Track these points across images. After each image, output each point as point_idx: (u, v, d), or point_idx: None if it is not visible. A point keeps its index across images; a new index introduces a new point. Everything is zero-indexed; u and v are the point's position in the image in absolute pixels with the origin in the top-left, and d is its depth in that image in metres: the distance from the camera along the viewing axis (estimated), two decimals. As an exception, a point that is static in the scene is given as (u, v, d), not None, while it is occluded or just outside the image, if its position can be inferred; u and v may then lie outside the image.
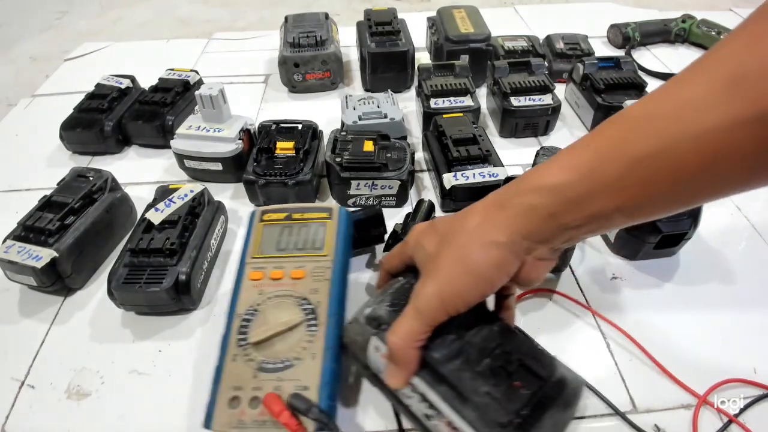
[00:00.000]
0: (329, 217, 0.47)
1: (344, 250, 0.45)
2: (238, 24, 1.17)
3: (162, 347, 0.47)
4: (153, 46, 1.02)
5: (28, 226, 0.50)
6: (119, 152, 0.73)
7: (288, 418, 0.35)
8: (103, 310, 0.50)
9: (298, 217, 0.47)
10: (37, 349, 0.48)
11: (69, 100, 0.75)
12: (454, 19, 0.84)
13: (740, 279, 0.52)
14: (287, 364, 0.38)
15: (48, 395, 0.44)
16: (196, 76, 0.78)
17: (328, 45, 0.81)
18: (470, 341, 0.35)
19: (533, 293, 0.51)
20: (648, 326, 0.48)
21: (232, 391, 0.37)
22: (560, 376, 0.34)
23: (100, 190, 0.55)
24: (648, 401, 0.42)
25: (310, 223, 0.47)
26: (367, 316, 0.37)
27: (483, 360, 0.34)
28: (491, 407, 0.32)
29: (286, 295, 0.41)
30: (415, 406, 0.35)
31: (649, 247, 0.52)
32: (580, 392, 0.35)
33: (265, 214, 0.48)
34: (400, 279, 0.40)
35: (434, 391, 0.33)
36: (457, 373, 0.33)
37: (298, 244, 0.45)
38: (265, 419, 0.36)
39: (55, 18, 1.22)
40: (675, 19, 0.98)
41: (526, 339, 0.37)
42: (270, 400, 0.36)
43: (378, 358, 0.36)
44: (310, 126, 0.65)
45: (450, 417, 0.32)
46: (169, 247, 0.48)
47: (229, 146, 0.63)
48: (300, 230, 0.46)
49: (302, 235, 0.46)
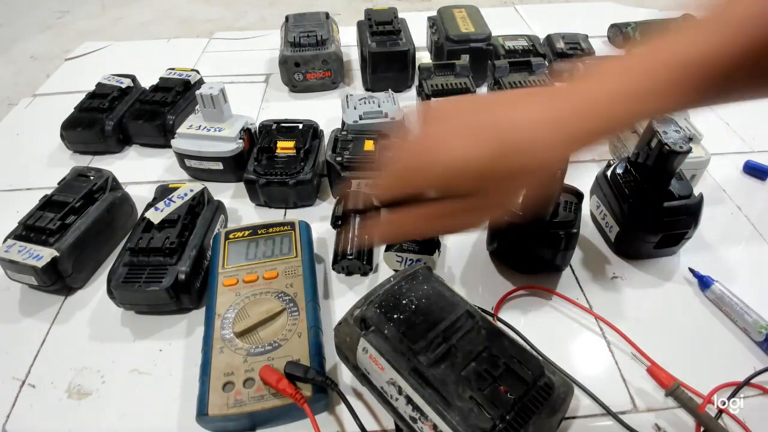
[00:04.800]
0: (291, 229, 0.52)
1: (310, 255, 0.51)
2: (238, 23, 1.17)
3: (162, 346, 0.47)
4: (154, 46, 1.02)
5: (29, 226, 0.51)
6: (120, 152, 0.73)
7: (287, 385, 0.37)
8: (103, 309, 0.50)
9: (263, 232, 0.52)
10: (37, 348, 0.48)
11: (70, 99, 0.75)
12: (454, 18, 0.84)
13: (740, 279, 0.52)
14: (276, 345, 0.41)
15: (49, 394, 0.44)
16: (197, 75, 0.78)
17: (329, 44, 0.81)
18: (456, 345, 0.36)
19: (531, 290, 0.51)
20: (648, 326, 0.48)
21: (224, 377, 0.39)
22: (547, 380, 0.34)
23: (100, 189, 0.56)
24: (648, 401, 0.42)
25: (274, 235, 0.51)
26: (356, 318, 0.38)
27: (469, 364, 0.34)
28: (475, 412, 0.32)
29: (263, 292, 0.46)
30: (401, 408, 0.35)
31: (649, 247, 0.52)
32: (569, 397, 0.35)
33: (230, 234, 0.52)
34: (391, 279, 0.40)
35: (419, 394, 0.33)
36: (442, 377, 0.34)
37: (266, 252, 0.50)
38: (263, 394, 0.38)
39: (55, 17, 1.22)
40: (675, 19, 0.98)
41: (513, 342, 0.37)
42: (266, 371, 0.38)
43: (367, 359, 0.36)
44: (310, 125, 0.65)
45: (434, 420, 0.33)
46: (169, 247, 0.49)
47: (230, 146, 0.63)
48: (266, 242, 0.51)
49: (269, 246, 0.50)
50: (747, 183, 0.65)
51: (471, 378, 0.34)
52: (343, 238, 0.53)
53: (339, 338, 0.40)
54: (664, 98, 0.29)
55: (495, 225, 0.51)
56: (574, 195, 0.51)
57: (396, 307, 0.38)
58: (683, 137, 0.49)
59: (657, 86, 0.29)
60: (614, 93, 0.30)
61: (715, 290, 0.49)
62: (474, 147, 0.29)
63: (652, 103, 0.30)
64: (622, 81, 0.30)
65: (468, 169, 0.29)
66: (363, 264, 0.51)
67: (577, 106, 0.30)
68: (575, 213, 0.49)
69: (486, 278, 0.53)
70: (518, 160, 0.29)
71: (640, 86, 0.29)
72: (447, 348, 0.35)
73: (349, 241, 0.52)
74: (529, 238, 0.49)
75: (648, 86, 0.29)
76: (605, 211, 0.55)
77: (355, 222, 0.53)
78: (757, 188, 0.64)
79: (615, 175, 0.54)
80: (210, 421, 0.38)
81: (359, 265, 0.51)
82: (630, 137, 0.63)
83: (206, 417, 0.37)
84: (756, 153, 0.69)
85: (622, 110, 0.30)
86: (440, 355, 0.35)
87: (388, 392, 0.36)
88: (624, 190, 0.52)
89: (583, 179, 0.56)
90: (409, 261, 0.51)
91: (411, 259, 0.51)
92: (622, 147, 0.65)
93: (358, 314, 0.38)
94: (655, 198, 0.51)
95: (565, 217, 0.48)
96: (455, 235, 0.55)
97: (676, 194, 0.51)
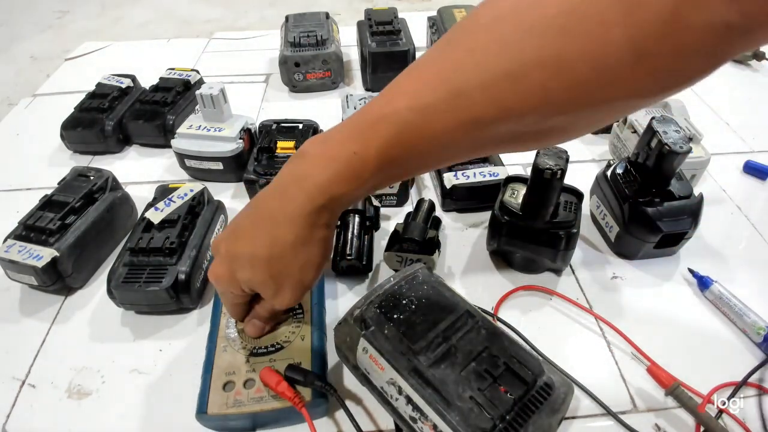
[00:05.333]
0: None
1: None
2: (238, 23, 1.17)
3: (162, 346, 0.47)
4: (153, 46, 1.02)
5: (29, 226, 0.51)
6: (120, 152, 0.73)
7: (286, 388, 0.37)
8: (104, 309, 0.50)
9: None
10: (37, 348, 0.48)
11: (70, 99, 0.75)
12: (454, 18, 0.84)
13: (740, 279, 0.52)
14: (278, 346, 0.41)
15: (49, 394, 0.44)
16: (197, 75, 0.78)
17: (329, 44, 0.81)
18: (456, 345, 0.36)
19: (531, 290, 0.51)
20: (648, 326, 0.48)
21: (225, 376, 0.39)
22: (547, 380, 0.34)
23: (100, 189, 0.56)
24: (648, 401, 0.42)
25: None
26: (356, 318, 0.38)
27: (469, 364, 0.34)
28: (475, 412, 0.32)
29: None
30: (401, 408, 0.35)
31: (649, 247, 0.52)
32: (569, 397, 0.35)
33: None
34: (391, 279, 0.40)
35: (419, 394, 0.33)
36: (442, 377, 0.34)
37: None
38: (262, 395, 0.38)
39: (55, 17, 1.22)
40: None
41: (513, 342, 0.37)
42: (266, 373, 0.38)
43: (367, 359, 0.36)
44: (310, 125, 0.65)
45: (434, 421, 0.33)
46: (169, 247, 0.49)
47: (230, 146, 0.63)
48: None
49: None
50: (747, 183, 0.65)
51: (471, 378, 0.34)
52: (342, 239, 0.53)
53: (339, 338, 0.40)
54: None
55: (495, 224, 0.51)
56: (574, 195, 0.51)
57: (396, 307, 0.38)
58: (683, 137, 0.49)
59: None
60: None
61: (714, 291, 0.49)
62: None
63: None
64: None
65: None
66: (363, 264, 0.51)
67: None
68: (575, 213, 0.49)
69: (486, 278, 0.53)
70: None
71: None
72: (447, 348, 0.35)
73: (349, 242, 0.52)
74: (529, 238, 0.49)
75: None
76: (605, 211, 0.55)
77: (354, 221, 0.53)
78: (757, 188, 0.64)
79: (615, 175, 0.54)
80: (209, 420, 0.38)
81: (359, 265, 0.51)
82: (630, 137, 0.63)
83: (205, 415, 0.37)
84: (756, 153, 0.69)
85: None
86: (440, 355, 0.35)
87: (388, 392, 0.36)
88: (624, 190, 0.52)
89: (583, 179, 0.56)
90: (409, 261, 0.51)
91: (411, 259, 0.51)
92: (622, 147, 0.65)
93: (358, 314, 0.38)
94: (655, 198, 0.51)
95: (565, 217, 0.48)
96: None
97: (676, 194, 0.51)
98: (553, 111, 0.27)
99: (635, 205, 0.51)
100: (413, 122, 0.29)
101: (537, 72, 0.25)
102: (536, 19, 0.25)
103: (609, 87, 0.25)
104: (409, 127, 0.29)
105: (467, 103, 0.27)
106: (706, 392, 0.41)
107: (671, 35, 0.23)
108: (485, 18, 0.28)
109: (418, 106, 0.29)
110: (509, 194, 0.51)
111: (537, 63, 0.25)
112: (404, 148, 0.30)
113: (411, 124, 0.29)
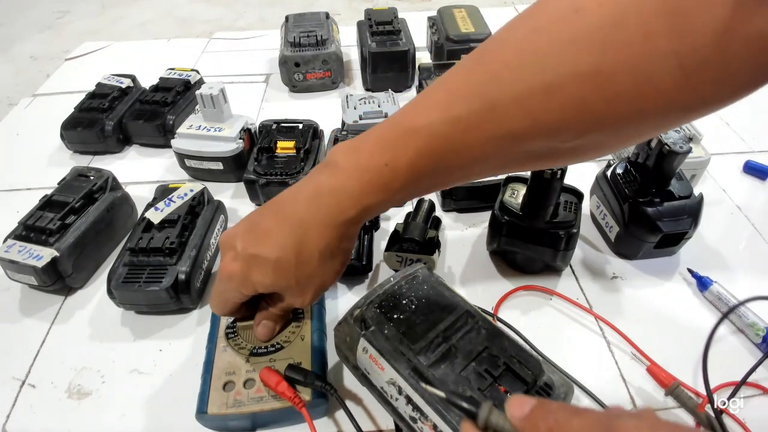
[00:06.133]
0: None
1: None
2: (238, 23, 1.17)
3: (162, 346, 0.47)
4: (153, 46, 1.02)
5: (29, 226, 0.51)
6: (120, 152, 0.73)
7: (286, 388, 0.37)
8: (104, 309, 0.50)
9: None
10: (37, 348, 0.48)
11: (70, 99, 0.75)
12: (454, 18, 0.84)
13: (740, 279, 0.52)
14: (278, 346, 0.41)
15: (49, 395, 0.44)
16: (197, 75, 0.78)
17: (329, 44, 0.81)
18: (456, 345, 0.36)
19: (531, 290, 0.51)
20: (648, 326, 0.48)
21: (225, 376, 0.39)
22: (547, 380, 0.34)
23: (100, 189, 0.56)
24: (648, 401, 0.42)
25: None
26: (357, 317, 0.38)
27: (469, 364, 0.34)
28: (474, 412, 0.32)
29: None
30: (401, 408, 0.35)
31: (649, 247, 0.52)
32: (569, 397, 0.35)
33: None
34: (391, 279, 0.40)
35: (419, 394, 0.33)
36: (442, 377, 0.34)
37: None
38: (262, 395, 0.38)
39: (55, 17, 1.22)
40: None
41: (513, 342, 0.37)
42: (266, 373, 0.38)
43: (367, 359, 0.36)
44: (310, 125, 0.65)
45: (434, 420, 0.33)
46: (169, 247, 0.49)
47: (230, 146, 0.63)
48: None
49: None
50: (747, 183, 0.65)
51: (471, 378, 0.34)
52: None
53: (339, 338, 0.40)
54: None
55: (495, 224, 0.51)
56: (574, 195, 0.51)
57: (396, 307, 0.38)
58: (683, 137, 0.49)
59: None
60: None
61: (714, 291, 0.49)
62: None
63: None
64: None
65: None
66: (363, 264, 0.51)
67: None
68: (575, 213, 0.49)
69: (486, 278, 0.53)
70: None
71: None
72: (447, 348, 0.35)
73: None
74: (529, 238, 0.49)
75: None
76: (605, 211, 0.55)
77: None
78: (757, 188, 0.64)
79: (615, 175, 0.54)
80: (209, 420, 0.38)
81: (359, 265, 0.51)
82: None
83: (205, 415, 0.37)
84: (756, 153, 0.69)
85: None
86: (440, 355, 0.35)
87: (388, 392, 0.36)
88: (624, 190, 0.52)
89: (583, 179, 0.56)
90: (409, 261, 0.51)
91: (411, 259, 0.51)
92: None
93: (358, 314, 0.38)
94: (655, 198, 0.51)
95: (565, 217, 0.48)
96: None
97: (676, 194, 0.51)
98: (591, 125, 0.26)
99: (635, 205, 0.51)
100: (446, 134, 0.29)
101: (575, 84, 0.25)
102: (576, 31, 0.25)
103: (650, 99, 0.25)
104: (441, 139, 0.29)
105: (502, 116, 0.27)
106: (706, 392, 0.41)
107: (720, 46, 0.22)
108: (522, 31, 0.28)
109: (451, 119, 0.28)
110: (509, 194, 0.51)
111: (576, 75, 0.25)
112: (435, 160, 0.30)
113: (443, 137, 0.29)
